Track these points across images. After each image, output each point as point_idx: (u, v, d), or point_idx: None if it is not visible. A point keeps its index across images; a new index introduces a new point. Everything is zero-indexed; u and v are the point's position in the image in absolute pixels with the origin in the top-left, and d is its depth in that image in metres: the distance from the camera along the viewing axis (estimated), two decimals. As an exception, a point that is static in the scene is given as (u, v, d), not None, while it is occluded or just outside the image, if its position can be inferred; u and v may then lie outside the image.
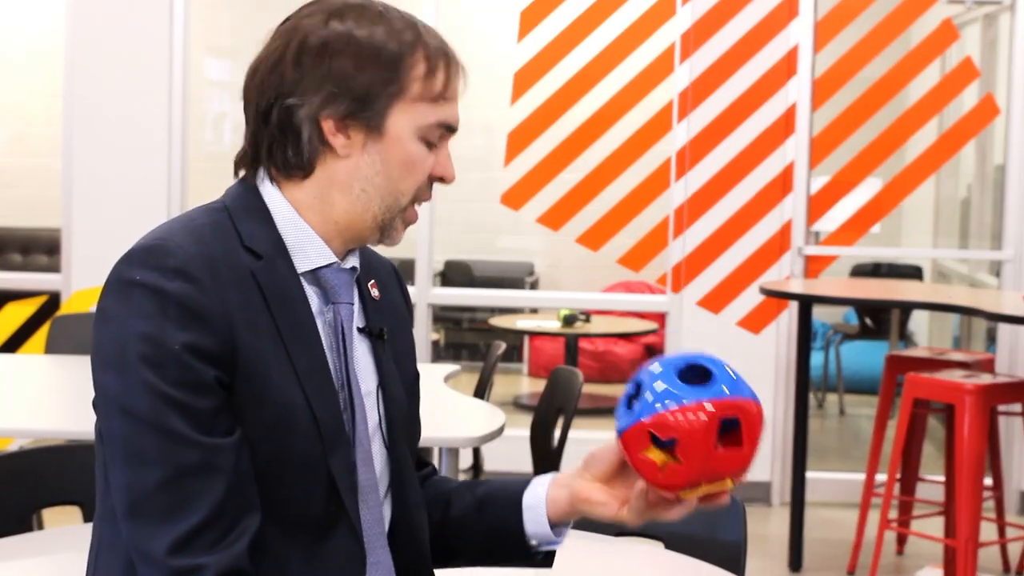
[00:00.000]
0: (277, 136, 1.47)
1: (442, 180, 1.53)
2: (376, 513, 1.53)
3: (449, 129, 1.52)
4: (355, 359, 1.53)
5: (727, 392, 1.42)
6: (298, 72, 1.45)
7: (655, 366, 1.46)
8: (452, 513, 1.64)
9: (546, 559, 1.63)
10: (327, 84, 1.45)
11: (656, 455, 1.42)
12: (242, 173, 1.54)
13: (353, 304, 1.54)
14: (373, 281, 1.61)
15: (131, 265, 1.41)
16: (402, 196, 1.50)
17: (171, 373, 1.37)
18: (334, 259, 1.52)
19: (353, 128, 1.46)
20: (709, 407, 1.41)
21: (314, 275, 1.51)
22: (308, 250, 1.50)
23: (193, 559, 1.36)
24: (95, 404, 1.45)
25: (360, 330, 1.56)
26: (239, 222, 1.48)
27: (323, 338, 1.50)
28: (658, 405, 1.41)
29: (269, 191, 1.51)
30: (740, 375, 1.46)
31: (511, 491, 1.60)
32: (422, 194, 1.52)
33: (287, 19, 1.52)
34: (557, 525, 1.59)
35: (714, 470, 1.43)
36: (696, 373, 1.45)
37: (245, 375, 1.41)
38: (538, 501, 1.57)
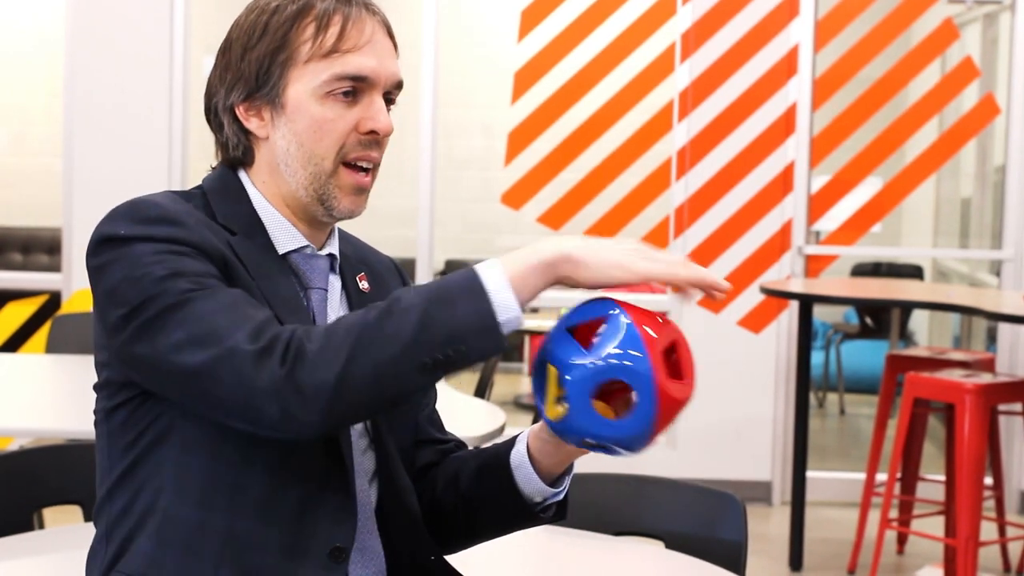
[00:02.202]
0: (217, 135, 1.56)
1: (373, 133, 1.51)
2: (364, 497, 1.53)
3: (357, 79, 1.49)
4: None
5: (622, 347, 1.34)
6: (212, 75, 1.54)
7: (545, 340, 1.40)
8: (462, 489, 1.62)
9: (558, 513, 1.59)
10: (227, 74, 1.52)
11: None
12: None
13: (326, 290, 1.55)
14: (363, 274, 1.62)
15: (113, 223, 1.45)
16: (323, 160, 1.50)
17: (184, 263, 1.40)
18: (305, 243, 1.54)
19: (262, 108, 1.51)
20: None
21: (286, 259, 1.53)
22: (279, 234, 1.53)
23: (271, 332, 1.36)
24: (132, 347, 1.42)
25: None
26: (213, 201, 1.52)
27: None
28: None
29: (244, 177, 1.56)
30: (628, 302, 1.38)
31: (499, 457, 1.58)
32: (351, 153, 1.51)
33: None
34: (558, 477, 1.56)
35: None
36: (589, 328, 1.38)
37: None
38: (522, 460, 1.55)
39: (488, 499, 1.59)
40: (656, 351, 1.35)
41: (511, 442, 1.58)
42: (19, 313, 5.83)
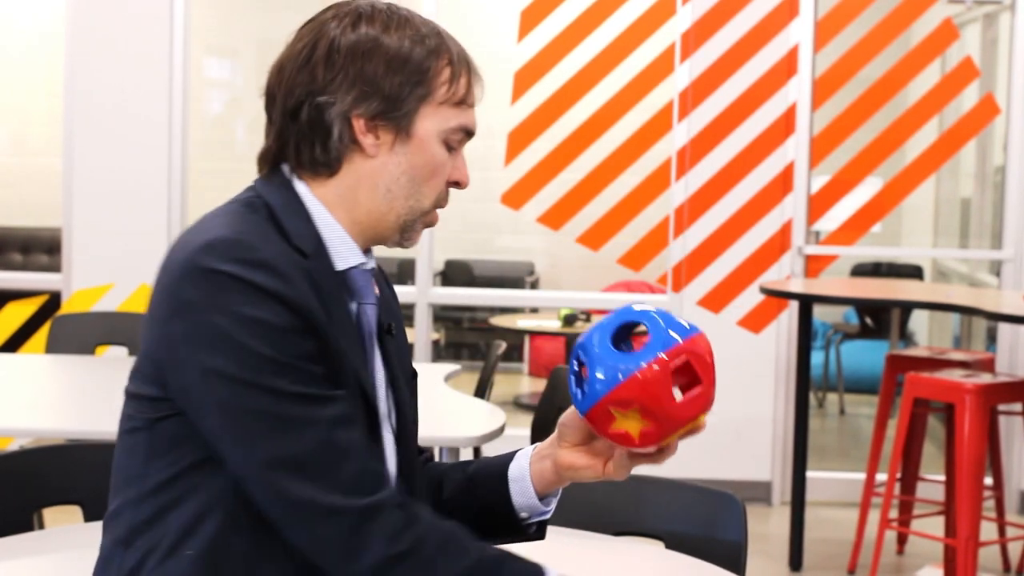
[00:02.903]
0: (306, 133, 1.50)
1: (457, 185, 1.56)
2: None
3: (468, 134, 1.56)
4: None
5: (666, 341, 1.43)
6: (329, 72, 1.48)
7: (589, 340, 1.47)
8: (444, 495, 1.66)
9: (539, 531, 1.64)
10: (359, 84, 1.48)
11: (624, 424, 1.45)
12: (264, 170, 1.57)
13: (375, 304, 1.58)
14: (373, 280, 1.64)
15: (214, 257, 1.41)
16: (425, 199, 1.54)
17: (288, 348, 1.41)
18: (364, 259, 1.55)
19: (382, 128, 1.50)
20: (656, 367, 1.42)
21: (343, 275, 1.54)
22: (342, 249, 1.53)
23: (371, 497, 1.41)
24: (186, 389, 1.43)
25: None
26: (283, 219, 1.50)
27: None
28: (610, 382, 1.43)
29: (301, 188, 1.53)
30: (670, 314, 1.47)
31: (496, 466, 1.62)
32: (442, 199, 1.56)
33: (311, 19, 1.54)
34: (545, 496, 1.62)
35: (684, 417, 1.44)
36: (630, 332, 1.48)
37: (330, 366, 1.46)
38: (523, 473, 1.60)
39: (476, 507, 1.63)
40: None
41: (510, 456, 1.63)
42: (19, 313, 5.83)
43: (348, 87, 1.48)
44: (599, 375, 1.44)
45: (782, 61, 5.40)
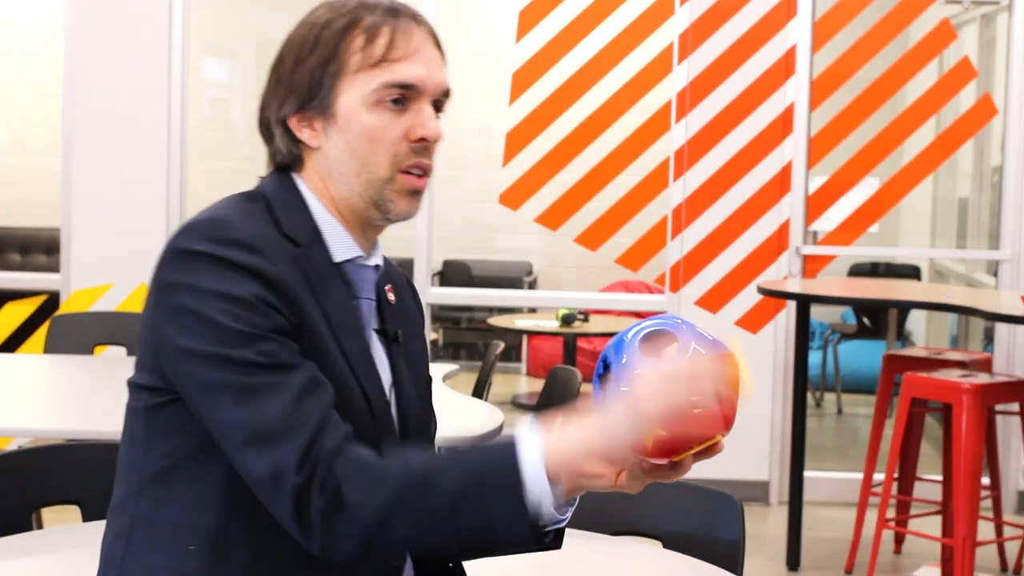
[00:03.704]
0: (268, 146, 1.58)
1: (424, 140, 1.53)
2: None
3: (406, 87, 1.52)
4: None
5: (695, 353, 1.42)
6: (266, 89, 1.57)
7: (618, 342, 1.46)
8: None
9: (555, 540, 1.61)
10: (279, 88, 1.55)
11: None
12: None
13: (373, 301, 1.59)
14: (390, 286, 1.65)
15: (191, 238, 1.44)
16: (377, 167, 1.53)
17: (257, 320, 1.41)
18: (360, 252, 1.57)
19: (314, 119, 1.54)
20: None
21: (339, 268, 1.55)
22: (337, 241, 1.55)
23: (320, 452, 1.39)
24: (171, 371, 1.44)
25: (376, 331, 1.60)
26: (277, 211, 1.53)
27: None
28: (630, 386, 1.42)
29: (300, 184, 1.57)
30: (703, 330, 1.45)
31: None
32: (404, 160, 1.53)
33: None
34: (561, 505, 1.59)
35: (698, 432, 1.42)
36: (659, 341, 1.45)
37: (309, 346, 1.46)
38: None
39: None
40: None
41: None
42: (17, 313, 5.83)
43: (273, 94, 1.55)
44: (623, 376, 1.43)
45: (780, 61, 5.41)
